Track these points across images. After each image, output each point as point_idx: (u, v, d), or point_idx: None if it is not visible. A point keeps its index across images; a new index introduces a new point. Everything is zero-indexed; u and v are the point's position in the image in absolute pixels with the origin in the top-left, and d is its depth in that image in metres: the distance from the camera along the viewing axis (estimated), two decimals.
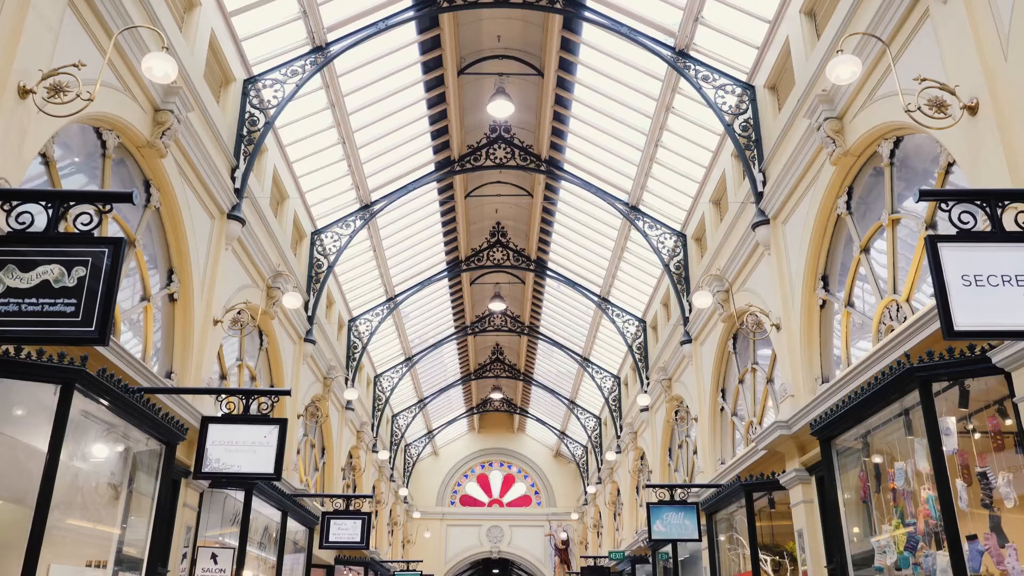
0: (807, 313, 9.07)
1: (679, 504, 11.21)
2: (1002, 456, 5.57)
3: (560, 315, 21.25)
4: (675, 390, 15.19)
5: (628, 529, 19.35)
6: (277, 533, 11.28)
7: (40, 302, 3.74)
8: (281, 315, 12.25)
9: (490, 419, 30.58)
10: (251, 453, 6.52)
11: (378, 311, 17.84)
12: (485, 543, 29.09)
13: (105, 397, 5.92)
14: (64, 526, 7.33)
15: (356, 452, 18.57)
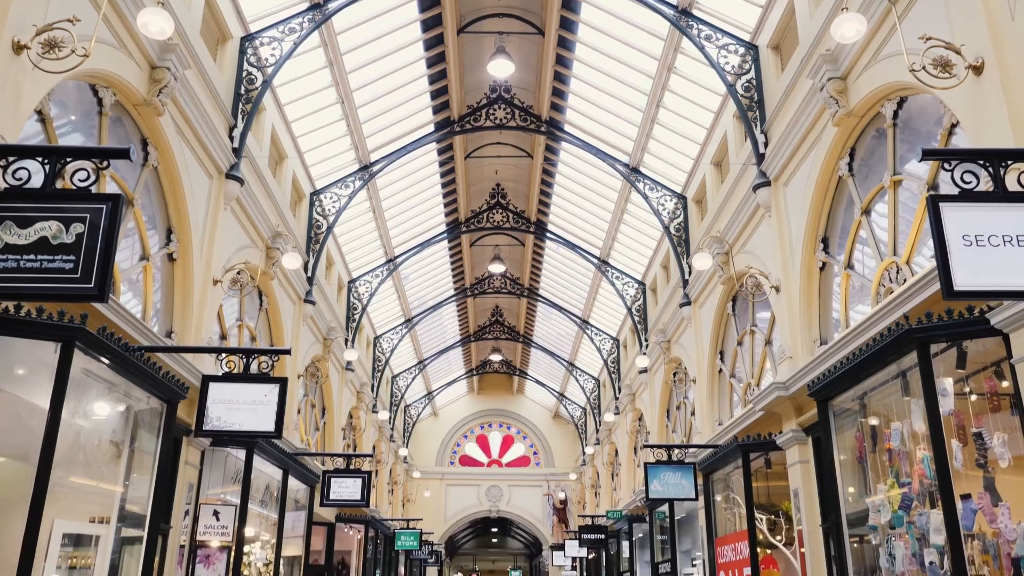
0: (807, 275, 9.07)
1: (677, 464, 11.32)
2: (998, 417, 5.62)
3: (560, 277, 21.26)
4: (674, 352, 15.25)
5: (626, 489, 19.56)
6: (278, 491, 11.40)
7: (39, 259, 3.73)
8: (281, 276, 12.25)
9: (489, 381, 30.75)
10: (252, 412, 6.56)
11: (378, 272, 17.84)
12: (484, 502, 29.43)
13: (106, 355, 5.94)
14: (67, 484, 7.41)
15: (356, 412, 18.70)
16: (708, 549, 11.18)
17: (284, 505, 11.20)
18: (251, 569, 10.91)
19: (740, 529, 10.00)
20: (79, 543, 8.41)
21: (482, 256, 20.92)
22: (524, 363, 28.44)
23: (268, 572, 11.06)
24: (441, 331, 24.85)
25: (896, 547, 6.18)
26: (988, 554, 5.37)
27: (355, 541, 18.17)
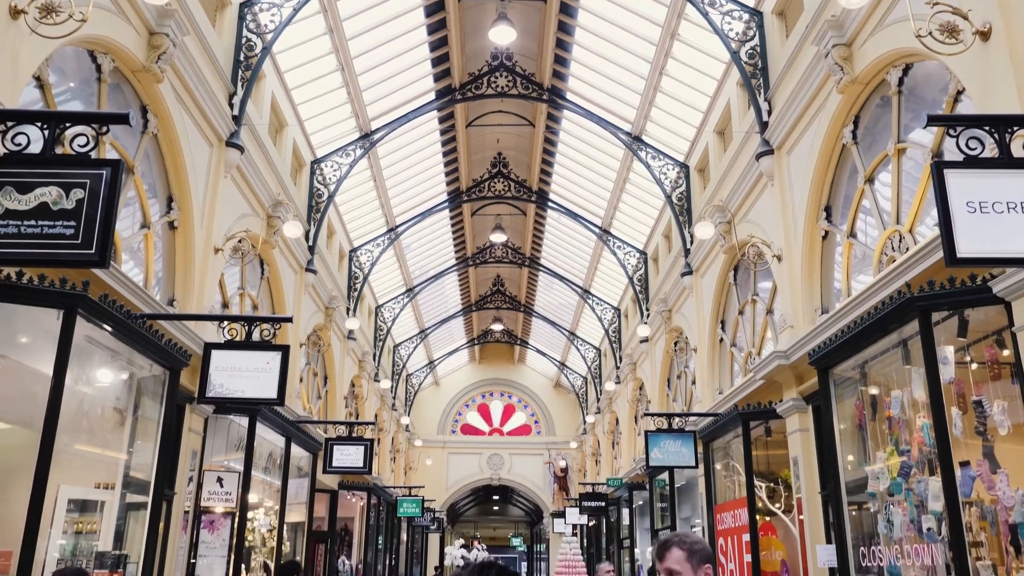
0: (809, 244, 9.05)
1: (677, 432, 11.39)
2: (998, 385, 5.64)
3: (561, 247, 21.23)
4: (675, 321, 15.27)
5: (626, 457, 19.70)
6: (281, 458, 11.48)
7: (39, 224, 3.73)
8: (282, 244, 12.23)
9: (491, 350, 30.84)
10: (254, 379, 6.59)
11: (379, 242, 17.81)
12: (486, 470, 29.65)
13: (108, 323, 5.96)
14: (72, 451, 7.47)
15: (358, 381, 18.78)
16: (708, 516, 11.28)
17: (287, 472, 11.29)
18: (255, 535, 11.03)
19: (739, 496, 10.08)
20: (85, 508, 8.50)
21: (483, 225, 20.88)
22: (525, 333, 28.51)
23: (272, 538, 11.18)
24: (442, 301, 24.89)
25: (894, 514, 6.24)
26: (986, 520, 5.42)
27: (358, 508, 18.35)
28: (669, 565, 2.62)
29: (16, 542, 5.22)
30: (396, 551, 22.35)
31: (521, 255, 22.03)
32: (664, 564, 2.63)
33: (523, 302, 25.62)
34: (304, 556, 12.84)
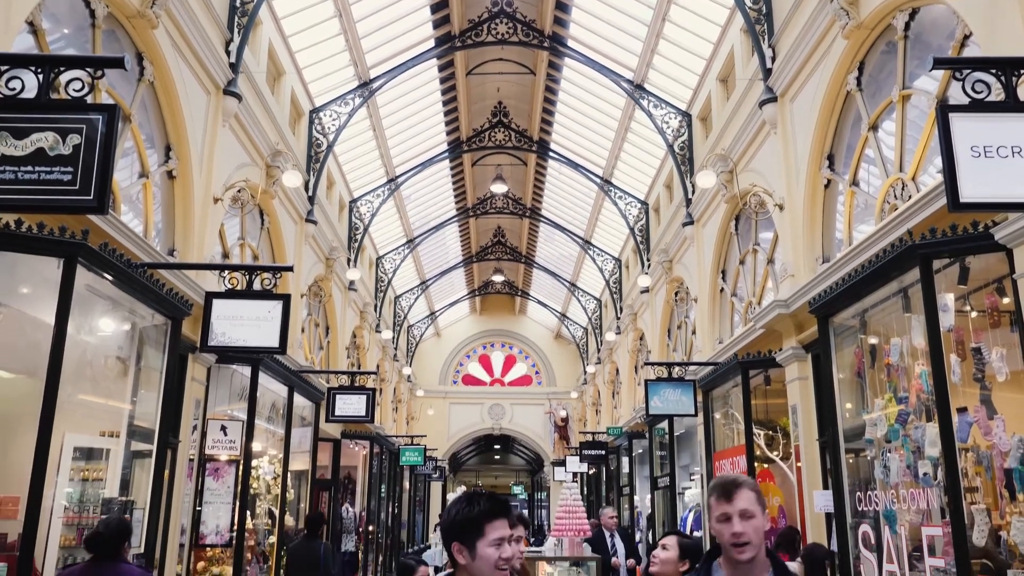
0: (811, 192, 9.00)
1: (677, 381, 11.47)
2: (997, 333, 5.65)
3: (562, 197, 21.13)
4: (676, 272, 15.27)
5: (626, 407, 19.87)
6: (284, 408, 11.58)
7: (36, 170, 3.70)
8: (281, 194, 12.17)
9: (492, 301, 30.91)
10: (256, 328, 6.61)
11: (379, 192, 17.73)
12: (487, 420, 29.93)
13: (108, 272, 5.95)
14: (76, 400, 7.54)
15: (360, 332, 18.85)
16: (706, 464, 11.41)
17: (290, 421, 11.40)
18: (259, 483, 11.18)
19: (738, 444, 10.19)
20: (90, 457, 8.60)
21: (484, 176, 20.75)
22: (526, 284, 28.54)
23: (276, 485, 11.33)
24: (443, 252, 24.86)
25: (891, 460, 6.30)
26: (981, 466, 5.48)
27: (360, 457, 18.57)
28: (744, 506, 2.47)
29: (23, 488, 5.29)
30: (399, 499, 22.69)
31: (522, 206, 21.94)
32: (735, 505, 2.47)
33: (524, 253, 25.60)
34: (308, 503, 13.03)
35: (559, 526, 7.57)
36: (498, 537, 2.32)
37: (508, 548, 2.35)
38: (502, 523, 2.35)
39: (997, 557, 5.25)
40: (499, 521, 2.35)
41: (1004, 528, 5.22)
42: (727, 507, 2.49)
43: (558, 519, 7.58)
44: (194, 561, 9.17)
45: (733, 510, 2.48)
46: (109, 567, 4.47)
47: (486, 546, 2.31)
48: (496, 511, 2.36)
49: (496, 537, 2.32)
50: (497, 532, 2.33)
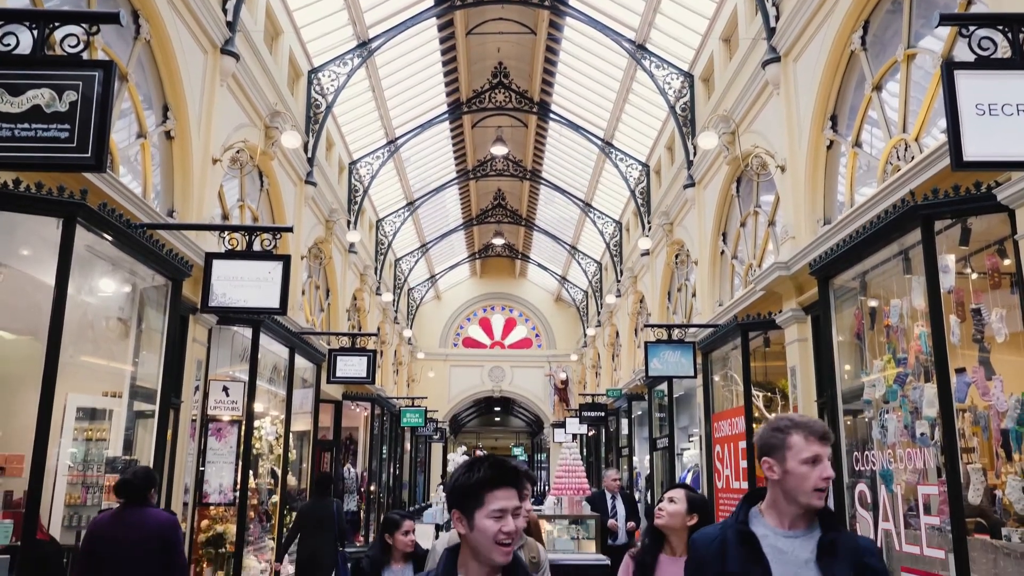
0: (813, 154, 8.95)
1: (676, 343, 11.51)
2: (997, 294, 5.65)
3: (563, 160, 21.01)
4: (676, 234, 15.24)
5: (625, 369, 19.97)
6: (285, 369, 11.64)
7: (33, 127, 3.67)
8: (281, 156, 12.10)
9: (492, 264, 30.91)
10: (256, 288, 6.61)
11: (378, 154, 17.62)
12: (487, 382, 30.10)
13: (108, 232, 5.94)
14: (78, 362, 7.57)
15: (360, 295, 18.88)
16: (705, 426, 11.49)
17: (292, 382, 11.45)
18: (262, 443, 11.27)
19: (737, 406, 10.25)
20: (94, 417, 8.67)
21: (484, 138, 20.62)
22: (526, 247, 28.50)
23: (278, 445, 11.43)
24: (443, 215, 24.79)
25: (889, 420, 6.34)
26: (978, 426, 5.51)
27: (362, 418, 18.71)
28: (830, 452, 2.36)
29: (27, 447, 5.33)
30: (400, 460, 22.89)
31: (522, 168, 21.82)
32: (828, 449, 2.31)
33: (524, 216, 25.53)
34: (310, 464, 13.15)
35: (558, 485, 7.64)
36: (498, 508, 2.08)
37: (511, 521, 2.08)
38: (505, 493, 2.10)
39: (992, 515, 5.31)
40: (502, 491, 2.10)
41: (999, 487, 5.27)
42: (821, 449, 2.31)
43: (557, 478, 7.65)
44: (198, 519, 9.28)
45: (826, 453, 2.31)
46: (137, 511, 4.78)
47: (484, 517, 2.07)
48: (498, 479, 2.11)
49: (496, 508, 2.08)
50: (498, 502, 2.08)
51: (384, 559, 4.67)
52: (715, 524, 2.45)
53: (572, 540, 7.19)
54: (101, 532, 4.85)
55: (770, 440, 2.37)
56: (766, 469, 2.38)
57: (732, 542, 2.32)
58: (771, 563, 2.23)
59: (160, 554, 4.66)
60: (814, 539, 2.28)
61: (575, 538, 7.18)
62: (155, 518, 4.83)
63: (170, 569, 4.65)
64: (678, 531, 3.56)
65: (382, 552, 4.71)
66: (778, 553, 2.26)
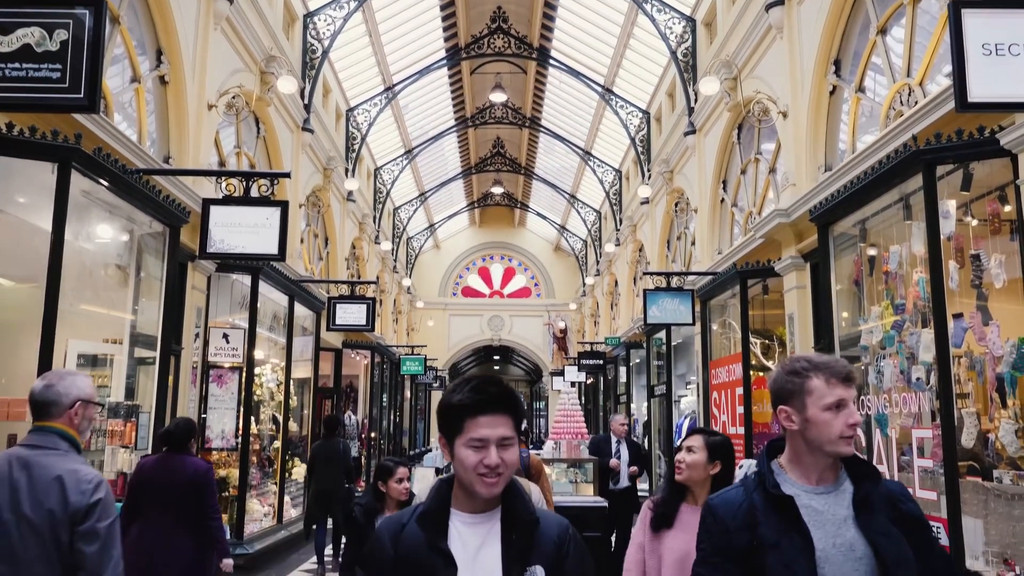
0: (816, 99, 8.85)
1: (675, 291, 11.53)
2: (997, 241, 5.64)
3: (562, 107, 20.79)
4: (676, 182, 15.15)
5: (624, 318, 20.04)
6: (285, 317, 11.68)
7: (24, 67, 3.62)
8: (277, 102, 11.96)
9: (491, 213, 30.80)
10: (254, 234, 6.59)
11: (376, 101, 17.42)
12: (487, 332, 30.23)
13: (104, 177, 5.90)
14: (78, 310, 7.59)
15: (359, 243, 18.84)
16: (703, 373, 11.57)
17: (291, 330, 11.50)
18: (263, 389, 11.36)
19: (735, 353, 10.31)
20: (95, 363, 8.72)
21: (483, 85, 20.36)
22: (526, 196, 28.37)
23: (279, 392, 11.52)
24: (442, 163, 24.61)
25: (885, 365, 6.39)
26: (974, 371, 5.55)
27: (362, 366, 18.84)
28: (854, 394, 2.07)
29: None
30: (400, 408, 23.11)
31: (521, 116, 21.60)
32: (853, 392, 2.05)
33: (523, 165, 25.35)
34: (311, 410, 13.27)
35: (557, 430, 7.73)
36: (479, 438, 1.82)
37: (494, 453, 1.81)
38: (489, 420, 1.83)
39: (984, 459, 5.38)
40: (485, 418, 1.83)
41: (992, 431, 5.33)
42: (845, 392, 2.04)
43: (556, 423, 7.73)
44: None
45: (851, 396, 2.05)
46: (178, 458, 5.23)
47: (463, 446, 1.83)
48: (480, 404, 1.84)
49: (476, 437, 1.82)
50: (479, 430, 1.82)
51: (378, 507, 4.61)
52: (735, 487, 2.14)
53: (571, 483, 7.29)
54: (145, 475, 5.29)
55: (786, 386, 2.08)
56: (783, 419, 2.09)
57: (763, 508, 2.01)
58: (808, 525, 1.97)
59: (195, 497, 5.09)
60: (846, 492, 2.05)
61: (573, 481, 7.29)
62: (193, 465, 5.24)
63: (203, 510, 5.09)
64: (700, 481, 3.31)
65: (376, 500, 4.66)
66: (814, 514, 2.00)
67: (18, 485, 2.72)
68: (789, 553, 1.94)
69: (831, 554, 1.95)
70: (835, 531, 1.98)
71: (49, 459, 2.77)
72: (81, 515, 2.69)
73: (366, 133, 17.33)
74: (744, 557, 1.98)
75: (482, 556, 1.83)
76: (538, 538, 1.85)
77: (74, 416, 2.90)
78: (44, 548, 2.68)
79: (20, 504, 2.70)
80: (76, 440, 2.90)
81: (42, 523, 2.68)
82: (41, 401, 2.89)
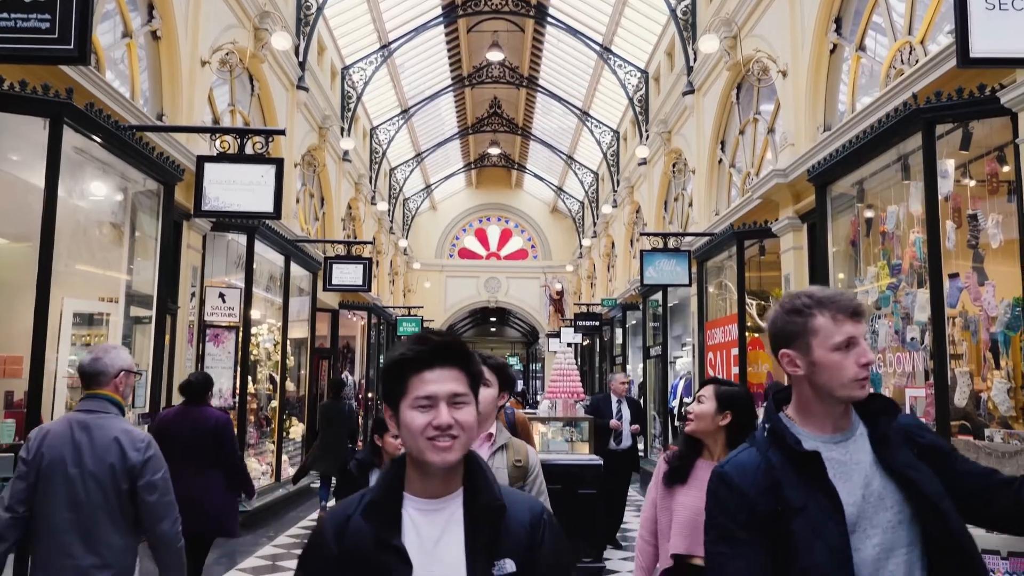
0: (816, 58, 8.76)
1: (672, 251, 11.52)
2: (994, 201, 5.63)
3: (560, 67, 20.57)
4: (674, 143, 15.06)
5: (620, 279, 20.05)
6: (281, 277, 11.66)
7: (12, 17, 3.55)
8: (271, 59, 11.81)
9: (488, 174, 30.64)
10: (249, 192, 6.55)
11: (372, 59, 17.21)
12: (483, 293, 30.25)
13: (97, 133, 5.84)
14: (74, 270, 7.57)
15: (355, 204, 18.76)
16: (699, 334, 11.61)
17: (288, 290, 11.49)
18: (259, 349, 11.39)
19: (731, 313, 10.34)
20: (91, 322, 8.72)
21: (480, 43, 20.12)
22: (523, 157, 28.20)
23: (276, 352, 11.55)
24: (439, 123, 24.42)
25: (880, 325, 6.41)
26: (968, 331, 5.57)
27: (359, 327, 18.87)
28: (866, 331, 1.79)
29: (26, 350, 5.38)
30: None
31: (519, 75, 21.38)
32: (863, 327, 1.83)
33: (520, 125, 25.16)
34: (308, 371, 13.32)
35: (553, 389, 7.77)
36: (425, 395, 1.56)
37: (444, 411, 1.55)
38: (437, 374, 1.58)
39: (976, 418, 5.42)
40: (432, 372, 1.58)
41: (985, 391, 5.37)
42: (854, 328, 1.81)
43: (552, 382, 7.76)
44: None
45: (861, 332, 1.82)
46: (197, 409, 5.60)
47: (408, 407, 1.57)
48: (425, 357, 1.59)
49: (422, 395, 1.56)
50: (426, 387, 1.57)
51: (374, 461, 4.62)
52: (743, 448, 1.89)
53: (566, 442, 7.35)
54: (167, 425, 5.61)
55: (787, 327, 1.85)
56: (786, 364, 1.86)
57: (785, 468, 1.77)
58: (834, 481, 1.75)
59: (215, 446, 5.46)
60: (863, 434, 1.84)
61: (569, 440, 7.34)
62: (212, 415, 5.65)
63: (223, 457, 5.48)
64: (712, 434, 3.13)
65: (372, 454, 4.68)
66: (838, 466, 1.78)
67: (81, 444, 3.21)
68: (816, 516, 1.71)
69: (862, 507, 1.75)
70: (863, 480, 1.78)
71: (104, 421, 3.28)
72: (138, 469, 3.22)
73: (361, 92, 17.16)
74: (769, 525, 1.74)
75: (442, 549, 1.57)
76: (507, 525, 1.59)
77: (119, 384, 3.42)
78: (105, 497, 3.19)
79: (83, 460, 3.19)
80: (122, 404, 3.44)
81: (104, 476, 3.20)
82: (91, 372, 3.38)
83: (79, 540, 3.14)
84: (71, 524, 3.15)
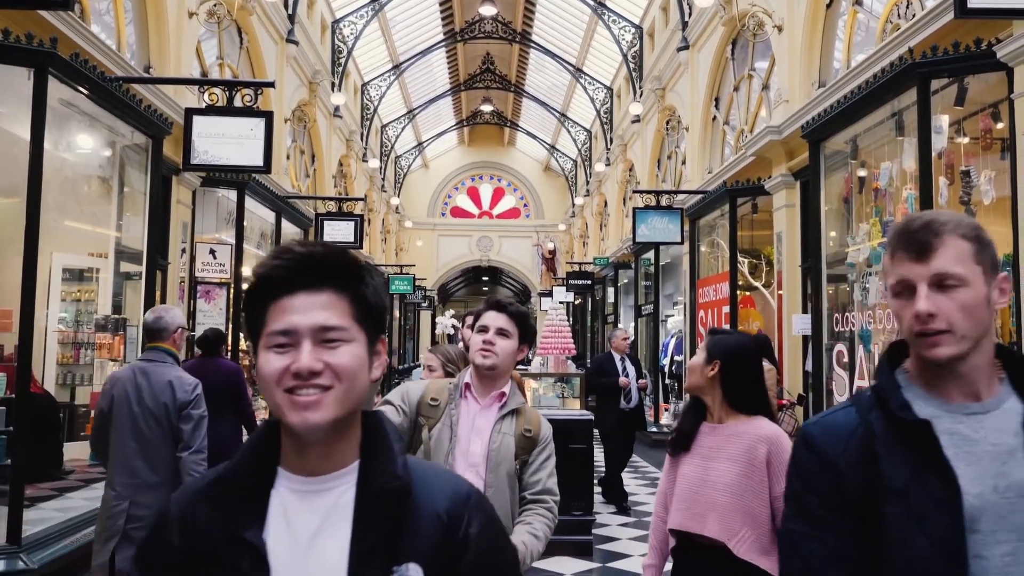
0: (812, 13, 8.67)
1: (664, 209, 11.49)
2: (988, 158, 5.63)
3: (554, 22, 20.30)
4: (668, 100, 14.94)
5: (613, 238, 20.03)
6: (272, 235, 11.61)
7: None
8: (260, 11, 11.61)
9: (480, 132, 30.39)
10: (239, 146, 6.48)
11: (363, 13, 16.94)
12: (475, 252, 30.20)
13: (83, 84, 5.75)
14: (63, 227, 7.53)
15: (346, 161, 18.61)
16: (691, 293, 11.65)
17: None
18: None
19: (722, 271, 10.36)
20: (81, 278, 8.70)
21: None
22: (515, 114, 27.95)
23: None
24: (431, 79, 24.13)
25: (871, 282, 6.44)
26: None
27: None
28: (944, 267, 1.34)
29: (15, 303, 5.35)
30: (389, 327, 23.24)
31: (512, 30, 21.08)
32: (931, 266, 1.34)
33: (513, 82, 24.88)
34: None
35: (545, 345, 7.80)
36: (281, 329, 1.11)
37: (306, 352, 1.10)
38: (302, 300, 1.11)
39: None
40: (294, 297, 1.11)
41: None
42: (910, 269, 1.37)
43: (544, 339, 7.79)
44: None
45: (920, 275, 1.35)
46: (212, 361, 6.02)
47: (263, 348, 1.12)
48: (283, 276, 1.12)
49: (277, 329, 1.11)
50: (284, 318, 1.11)
51: None
52: (843, 405, 1.48)
53: (557, 398, 7.39)
54: None
55: (885, 262, 1.45)
56: None
57: (884, 437, 1.36)
58: (954, 462, 1.31)
59: (230, 395, 5.87)
60: (1014, 411, 1.36)
61: (560, 396, 7.39)
62: (227, 366, 6.12)
63: (241, 402, 5.96)
64: (704, 389, 2.76)
65: None
66: (963, 443, 1.34)
67: (141, 386, 4.01)
68: (921, 503, 1.30)
69: (991, 501, 1.30)
70: (997, 468, 1.32)
71: (161, 368, 4.09)
72: (185, 406, 4.02)
73: (352, 47, 16.91)
74: (860, 507, 1.34)
75: (320, 547, 1.11)
76: (414, 515, 1.14)
77: (177, 339, 4.26)
78: (161, 429, 3.99)
79: (144, 399, 3.99)
80: (177, 355, 4.24)
81: (160, 412, 3.99)
82: (154, 328, 4.20)
83: (143, 463, 3.94)
84: (136, 451, 3.94)
